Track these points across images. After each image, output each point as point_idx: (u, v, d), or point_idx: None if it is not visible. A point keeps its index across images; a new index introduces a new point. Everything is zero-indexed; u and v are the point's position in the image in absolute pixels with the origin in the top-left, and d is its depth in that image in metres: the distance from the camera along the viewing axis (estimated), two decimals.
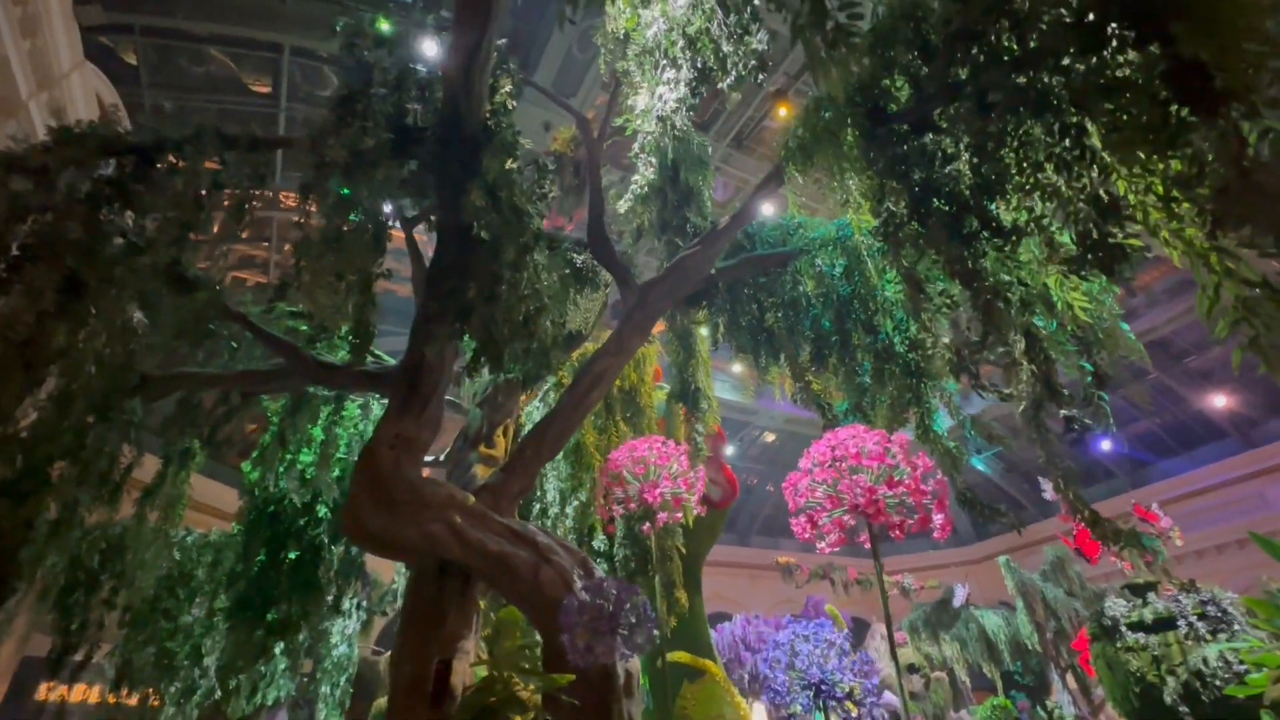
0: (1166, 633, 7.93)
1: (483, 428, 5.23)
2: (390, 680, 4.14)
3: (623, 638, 2.68)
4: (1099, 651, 8.64)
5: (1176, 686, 7.54)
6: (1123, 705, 8.43)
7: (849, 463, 1.96)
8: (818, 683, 2.12)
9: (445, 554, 3.76)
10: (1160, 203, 1.76)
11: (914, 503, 1.84)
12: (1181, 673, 7.53)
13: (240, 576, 6.66)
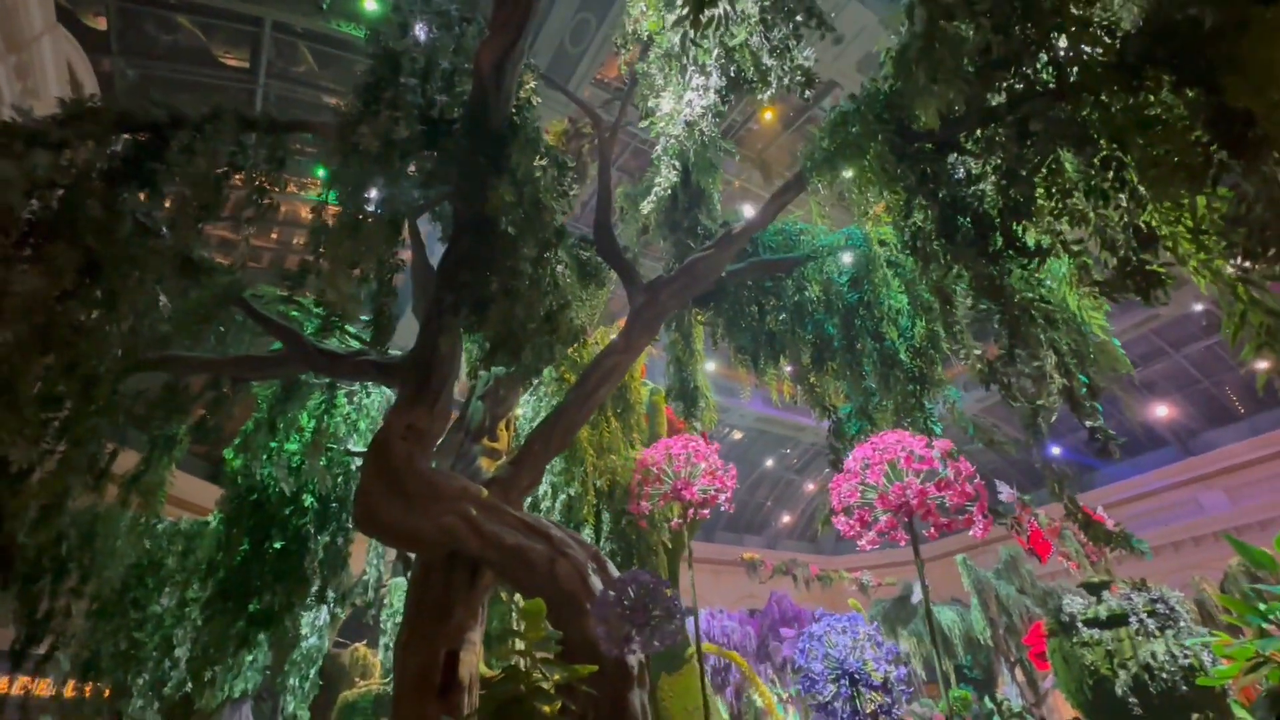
0: (1119, 629, 8.42)
1: (485, 421, 5.23)
2: (396, 671, 4.13)
3: (650, 631, 2.77)
4: (1055, 646, 9.12)
5: (1127, 679, 8.02)
6: (1076, 697, 8.92)
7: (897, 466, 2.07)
8: (852, 671, 2.24)
9: (461, 546, 3.78)
10: (1190, 234, 1.94)
11: (956, 504, 1.98)
12: (1132, 666, 8.01)
13: (220, 566, 6.50)
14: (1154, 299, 2.08)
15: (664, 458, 2.86)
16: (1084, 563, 16.17)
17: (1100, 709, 8.36)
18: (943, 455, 2.04)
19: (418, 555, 4.45)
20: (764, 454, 29.45)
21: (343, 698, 13.82)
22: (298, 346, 4.86)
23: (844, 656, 2.21)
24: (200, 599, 8.08)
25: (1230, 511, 23.13)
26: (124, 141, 3.35)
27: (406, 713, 3.93)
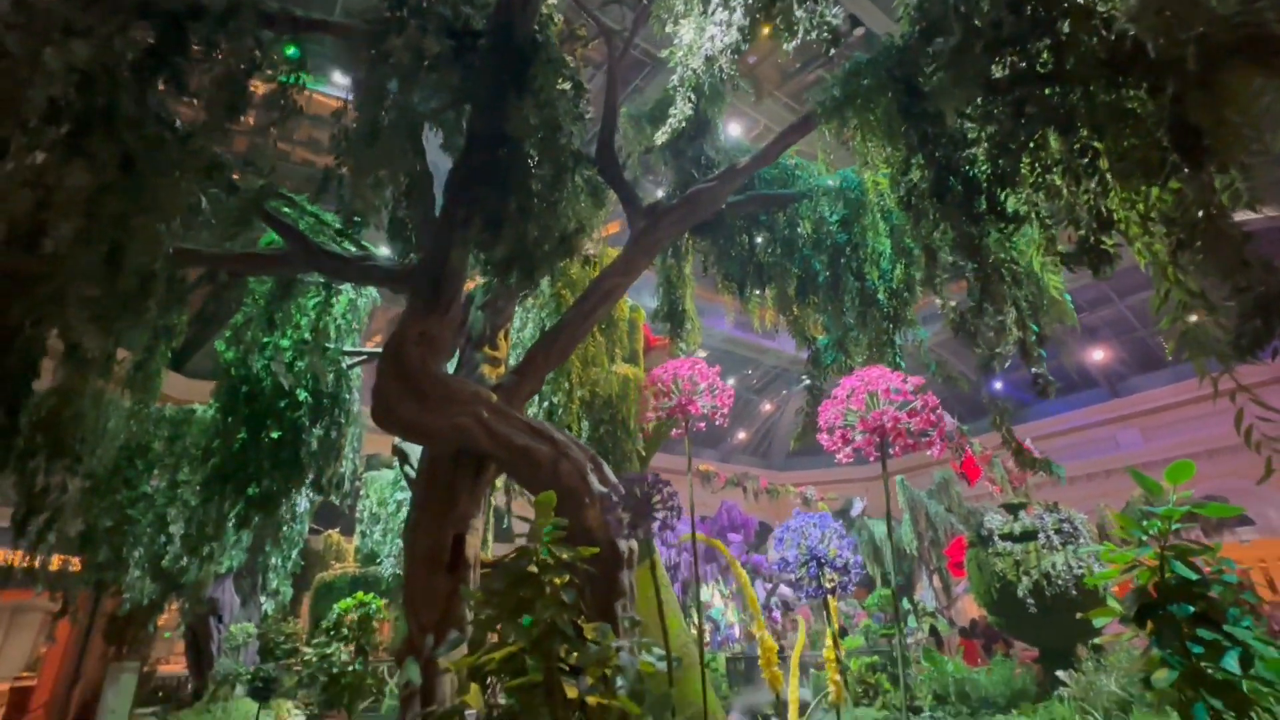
0: (1029, 543, 9.61)
1: (485, 330, 5.51)
2: (406, 551, 4.62)
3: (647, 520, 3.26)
4: (973, 556, 10.37)
5: (1028, 584, 9.27)
6: (984, 598, 10.27)
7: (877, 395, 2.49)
8: (820, 557, 2.77)
9: (473, 444, 4.17)
10: (1140, 220, 2.30)
11: (920, 429, 2.42)
12: (1034, 574, 9.24)
13: (216, 451, 6.79)
14: (1102, 273, 2.49)
15: (671, 377, 3.24)
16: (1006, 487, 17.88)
17: (1003, 608, 9.69)
18: (915, 389, 2.47)
19: (426, 450, 4.85)
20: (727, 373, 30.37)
21: (319, 578, 14.68)
22: (303, 247, 4.97)
23: (815, 545, 2.73)
24: (192, 482, 8.46)
25: (1142, 449, 25.45)
26: (146, 31, 3.31)
27: (418, 585, 4.45)
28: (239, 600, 11.95)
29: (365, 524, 13.26)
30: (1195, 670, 3.46)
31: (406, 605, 4.45)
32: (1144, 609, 3.71)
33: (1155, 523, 3.75)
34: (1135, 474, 3.96)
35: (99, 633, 15.49)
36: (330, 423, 7.15)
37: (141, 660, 12.56)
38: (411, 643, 4.31)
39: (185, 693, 14.58)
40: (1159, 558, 3.72)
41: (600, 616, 3.85)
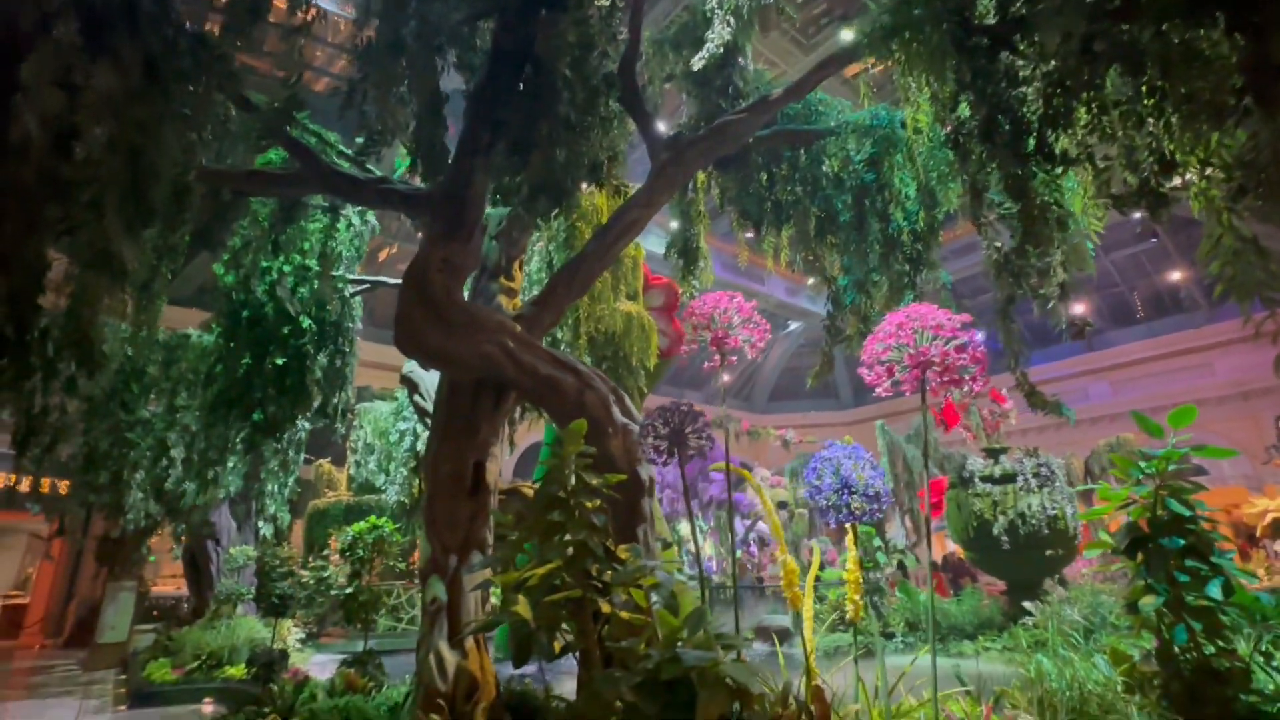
0: (1008, 485, 10.07)
1: (501, 260, 5.44)
2: (428, 476, 4.71)
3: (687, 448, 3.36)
4: (953, 496, 10.86)
5: (1004, 523, 9.76)
6: (960, 535, 10.83)
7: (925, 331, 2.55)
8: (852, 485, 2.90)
9: (499, 373, 4.20)
10: (1199, 164, 2.33)
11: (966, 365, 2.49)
12: (1010, 513, 9.72)
13: (219, 377, 6.73)
14: (1159, 217, 2.53)
15: (711, 309, 3.27)
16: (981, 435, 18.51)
17: (978, 544, 10.24)
18: (963, 325, 2.53)
19: (446, 379, 4.87)
20: None
21: (313, 505, 14.92)
22: (315, 167, 4.80)
23: (848, 474, 2.86)
24: (191, 407, 8.42)
25: (1110, 401, 26.37)
26: None
27: (441, 509, 4.56)
28: (235, 525, 12.12)
29: (360, 454, 13.38)
30: (1178, 598, 3.74)
31: (428, 528, 4.57)
32: (1135, 542, 3.97)
33: (1156, 462, 3.96)
34: (1138, 416, 4.14)
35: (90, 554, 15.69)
36: (335, 350, 7.10)
37: (137, 580, 12.78)
38: (435, 562, 4.45)
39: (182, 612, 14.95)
40: (1154, 495, 3.95)
41: (624, 540, 4.01)
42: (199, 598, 11.56)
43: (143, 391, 8.11)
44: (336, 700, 4.97)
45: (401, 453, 10.33)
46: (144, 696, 8.58)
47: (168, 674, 9.07)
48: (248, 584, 11.66)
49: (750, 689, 2.59)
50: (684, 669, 2.60)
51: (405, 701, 4.76)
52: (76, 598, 16.23)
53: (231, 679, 8.70)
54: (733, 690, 2.59)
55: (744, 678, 2.63)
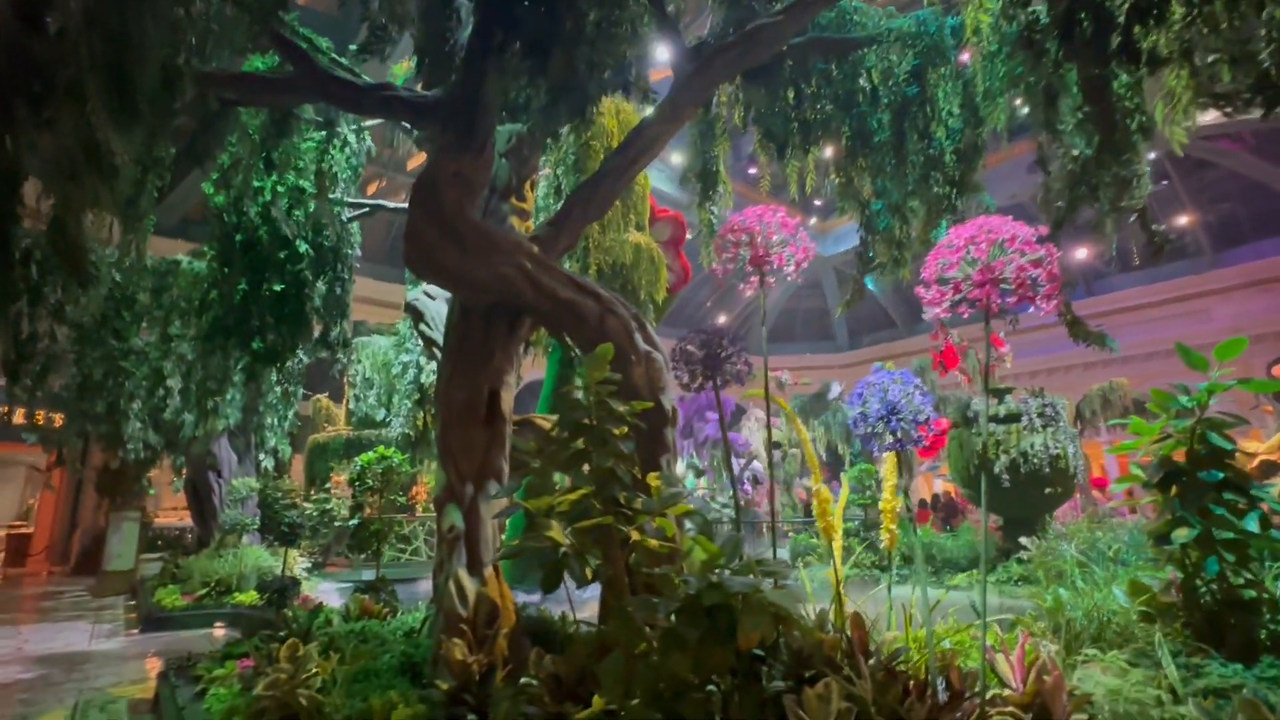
0: (1012, 425, 10.10)
1: (511, 179, 5.11)
2: (441, 404, 4.55)
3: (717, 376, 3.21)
4: (956, 435, 10.90)
5: (1006, 461, 9.83)
6: (961, 474, 10.96)
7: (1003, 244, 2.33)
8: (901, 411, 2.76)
9: (517, 296, 3.98)
10: None
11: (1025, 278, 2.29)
12: (1013, 452, 9.78)
13: (214, 304, 6.47)
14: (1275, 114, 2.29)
15: (756, 224, 3.03)
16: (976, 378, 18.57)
17: (978, 482, 10.34)
18: (1040, 238, 2.33)
19: (458, 304, 4.64)
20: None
21: (313, 440, 14.91)
22: (311, 71, 4.41)
23: (896, 399, 2.72)
24: (185, 335, 8.17)
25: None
26: None
27: (455, 437, 4.43)
28: (235, 457, 12.08)
29: (359, 388, 13.24)
30: (1209, 531, 3.70)
31: (443, 457, 4.45)
32: (1170, 475, 3.90)
33: (1199, 396, 3.85)
34: (1181, 348, 4.01)
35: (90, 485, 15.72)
36: (334, 278, 6.82)
37: (140, 510, 12.84)
38: (451, 491, 4.35)
39: (187, 542, 15.14)
40: (1192, 429, 3.86)
41: (647, 470, 3.89)
42: (203, 528, 11.64)
43: (134, 319, 7.84)
44: (352, 625, 4.99)
45: (405, 385, 10.17)
46: (155, 621, 8.71)
47: (177, 600, 9.19)
48: (251, 515, 11.73)
49: (794, 615, 2.52)
50: (728, 595, 2.52)
51: (422, 626, 4.77)
52: (80, 527, 16.38)
53: (241, 605, 8.83)
54: (776, 616, 2.52)
55: (788, 604, 2.56)
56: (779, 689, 2.62)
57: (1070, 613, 4.33)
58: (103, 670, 6.71)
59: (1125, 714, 2.77)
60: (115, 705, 5.44)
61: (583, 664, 3.11)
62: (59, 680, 6.32)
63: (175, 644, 7.72)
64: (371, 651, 4.36)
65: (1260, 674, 3.20)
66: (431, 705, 3.31)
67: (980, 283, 2.39)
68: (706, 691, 2.71)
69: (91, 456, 14.32)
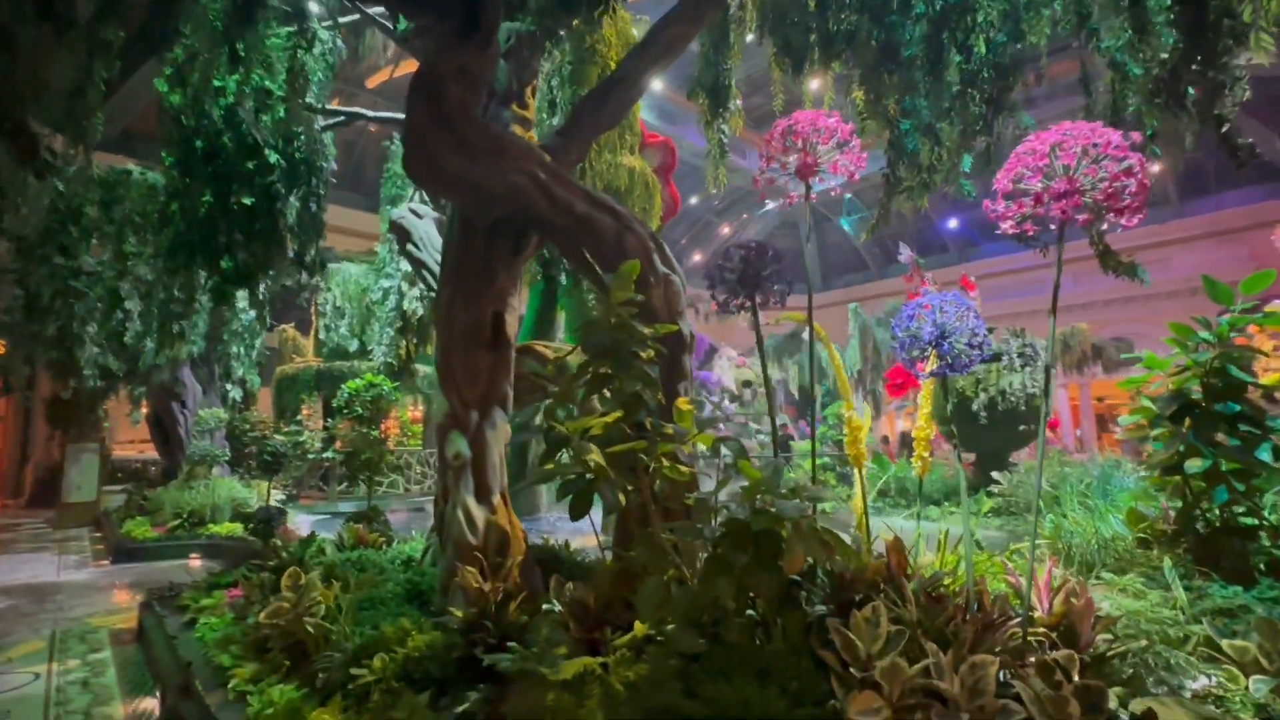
0: (993, 364, 10.28)
1: (512, 84, 4.66)
2: (442, 328, 4.27)
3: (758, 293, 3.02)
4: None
5: (984, 400, 10.06)
6: (939, 412, 11.20)
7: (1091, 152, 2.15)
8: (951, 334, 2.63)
9: (528, 208, 3.66)
10: None
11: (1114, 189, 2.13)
12: (992, 390, 9.99)
13: (176, 218, 5.91)
14: None
15: (809, 128, 2.77)
16: None
17: (955, 419, 10.60)
18: (1133, 145, 2.15)
19: (458, 219, 4.30)
20: (690, 192, 29.44)
21: (280, 371, 14.33)
22: None
23: (949, 321, 2.59)
24: (144, 253, 7.54)
25: (1069, 292, 27.00)
26: None
27: (458, 362, 4.18)
28: (200, 388, 11.55)
29: (329, 317, 12.67)
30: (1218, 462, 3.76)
31: (445, 382, 4.22)
32: (1183, 408, 3.93)
33: (1220, 329, 3.83)
34: (1207, 281, 3.97)
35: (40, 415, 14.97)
36: (308, 193, 6.29)
37: (99, 442, 12.31)
38: (455, 417, 4.14)
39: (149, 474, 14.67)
40: (1211, 362, 3.87)
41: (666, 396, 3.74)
42: (169, 459, 11.22)
43: (83, 235, 7.16)
44: (348, 554, 4.84)
45: (386, 312, 9.71)
46: (126, 552, 8.45)
47: (148, 531, 8.91)
48: (220, 447, 11.34)
49: (843, 542, 2.44)
50: (777, 520, 2.42)
51: (423, 555, 4.65)
52: (33, 459, 15.69)
53: (217, 536, 8.61)
54: (823, 543, 2.44)
55: (837, 530, 2.48)
56: (821, 613, 2.58)
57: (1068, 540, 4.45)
58: (76, 601, 6.48)
59: (1146, 634, 2.83)
60: (96, 635, 5.25)
61: (609, 591, 3.03)
62: (30, 611, 6.08)
63: (149, 575, 7.50)
64: (372, 580, 4.23)
65: (1259, 595, 3.32)
66: (448, 632, 3.20)
67: (1060, 195, 2.22)
68: (747, 616, 2.66)
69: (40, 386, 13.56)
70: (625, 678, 2.25)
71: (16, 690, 4.08)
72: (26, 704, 3.86)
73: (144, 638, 4.91)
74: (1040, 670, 2.19)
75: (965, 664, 2.24)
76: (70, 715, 3.68)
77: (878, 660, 2.29)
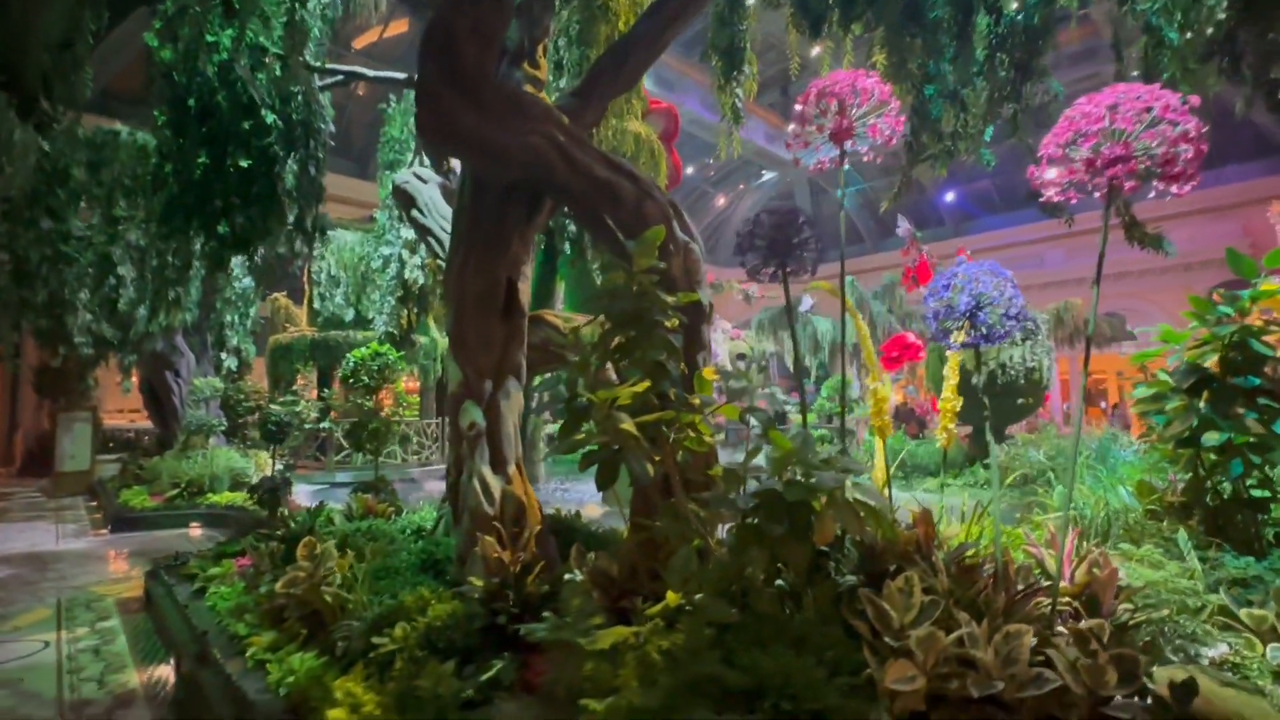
0: None
1: (524, 43, 4.48)
2: (454, 295, 4.17)
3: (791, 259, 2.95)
4: (935, 347, 11.10)
5: (984, 374, 10.11)
6: (937, 383, 11.27)
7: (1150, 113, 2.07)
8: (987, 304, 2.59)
9: (546, 171, 3.55)
10: None
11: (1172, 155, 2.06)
12: (992, 364, 10.03)
13: (169, 180, 5.72)
14: None
15: (847, 90, 2.67)
16: None
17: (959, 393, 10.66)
18: (1192, 108, 2.09)
19: (469, 182, 4.17)
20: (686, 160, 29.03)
21: (275, 340, 14.10)
22: None
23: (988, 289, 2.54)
24: (136, 217, 7.32)
25: (1063, 267, 27.06)
26: None
27: (472, 330, 4.10)
28: (193, 357, 11.37)
29: (323, 286, 12.44)
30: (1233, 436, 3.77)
31: (458, 351, 4.14)
32: (1201, 381, 3.94)
33: (1241, 304, 3.82)
34: (1231, 253, 3.93)
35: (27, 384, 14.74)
36: (306, 156, 6.09)
37: (91, 411, 12.14)
38: (469, 387, 4.08)
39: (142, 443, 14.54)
40: (1231, 336, 3.86)
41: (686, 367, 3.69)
42: (164, 429, 11.10)
43: (71, 198, 6.91)
44: (358, 524, 4.81)
45: (386, 280, 9.51)
46: (125, 521, 8.40)
47: (146, 500, 8.85)
48: (215, 416, 11.22)
49: (878, 513, 2.43)
50: (813, 491, 2.40)
51: (435, 525, 4.63)
52: (22, 428, 15.50)
53: (217, 505, 8.56)
54: (857, 514, 2.42)
55: (872, 501, 2.46)
56: (851, 583, 2.58)
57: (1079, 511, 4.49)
58: (78, 570, 6.44)
59: (1165, 603, 2.86)
60: (102, 603, 5.23)
61: (634, 561, 3.02)
62: (33, 580, 6.03)
63: (150, 544, 7.47)
64: (385, 550, 4.21)
65: (1272, 565, 3.37)
66: (468, 602, 3.19)
67: (1112, 160, 2.15)
68: (776, 586, 2.66)
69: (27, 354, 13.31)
70: (660, 647, 2.24)
71: (28, 658, 4.05)
72: (39, 672, 3.84)
73: (152, 606, 4.89)
74: (1077, 639, 2.20)
75: (1000, 633, 2.24)
76: (85, 683, 3.66)
77: (911, 630, 2.30)
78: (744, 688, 2.05)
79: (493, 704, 2.63)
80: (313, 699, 2.83)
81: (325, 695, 2.80)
